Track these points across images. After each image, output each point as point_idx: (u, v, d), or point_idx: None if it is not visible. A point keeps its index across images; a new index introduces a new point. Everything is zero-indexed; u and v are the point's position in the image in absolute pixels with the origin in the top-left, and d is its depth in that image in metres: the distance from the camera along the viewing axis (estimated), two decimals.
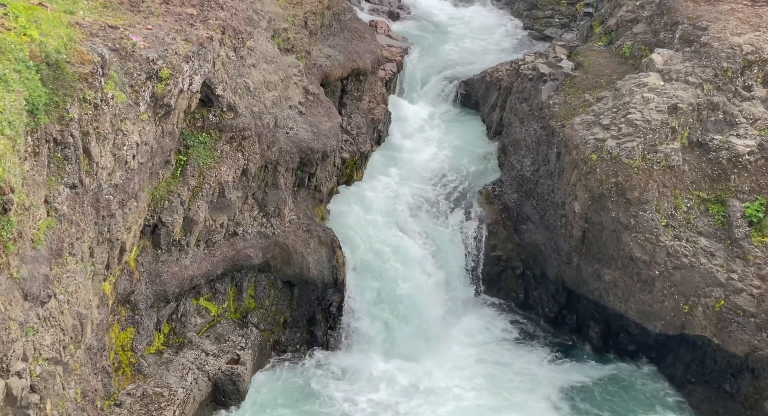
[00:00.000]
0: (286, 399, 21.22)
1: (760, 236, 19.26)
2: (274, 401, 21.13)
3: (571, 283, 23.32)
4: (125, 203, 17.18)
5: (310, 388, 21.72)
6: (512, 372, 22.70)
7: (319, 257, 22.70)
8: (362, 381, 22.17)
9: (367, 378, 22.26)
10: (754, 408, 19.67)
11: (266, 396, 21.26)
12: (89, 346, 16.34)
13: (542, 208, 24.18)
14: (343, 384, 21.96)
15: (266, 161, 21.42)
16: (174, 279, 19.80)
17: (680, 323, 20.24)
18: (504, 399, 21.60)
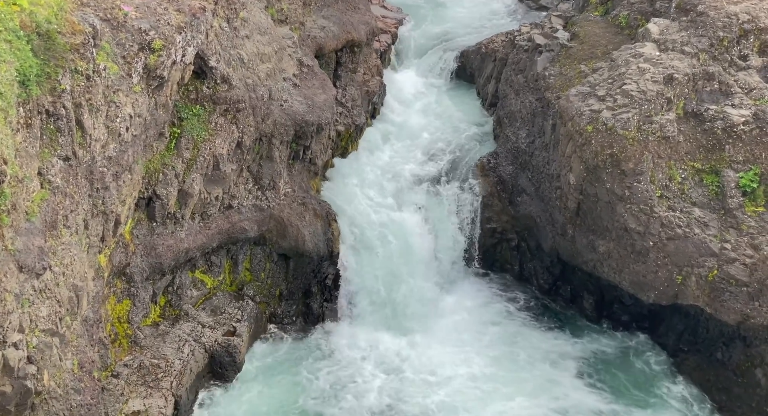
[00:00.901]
0: (282, 371, 21.39)
1: (754, 206, 19.32)
2: (271, 372, 21.28)
3: (566, 254, 23.42)
4: (119, 175, 17.13)
5: (305, 360, 21.88)
6: (506, 342, 22.88)
7: (315, 230, 22.73)
8: (358, 352, 22.33)
9: (362, 349, 22.42)
10: (745, 375, 19.91)
11: (262, 367, 21.42)
12: (85, 318, 16.41)
13: (537, 180, 24.19)
14: (338, 355, 22.12)
15: (261, 134, 21.34)
16: (169, 252, 19.83)
17: (673, 293, 20.38)
18: (498, 369, 21.79)
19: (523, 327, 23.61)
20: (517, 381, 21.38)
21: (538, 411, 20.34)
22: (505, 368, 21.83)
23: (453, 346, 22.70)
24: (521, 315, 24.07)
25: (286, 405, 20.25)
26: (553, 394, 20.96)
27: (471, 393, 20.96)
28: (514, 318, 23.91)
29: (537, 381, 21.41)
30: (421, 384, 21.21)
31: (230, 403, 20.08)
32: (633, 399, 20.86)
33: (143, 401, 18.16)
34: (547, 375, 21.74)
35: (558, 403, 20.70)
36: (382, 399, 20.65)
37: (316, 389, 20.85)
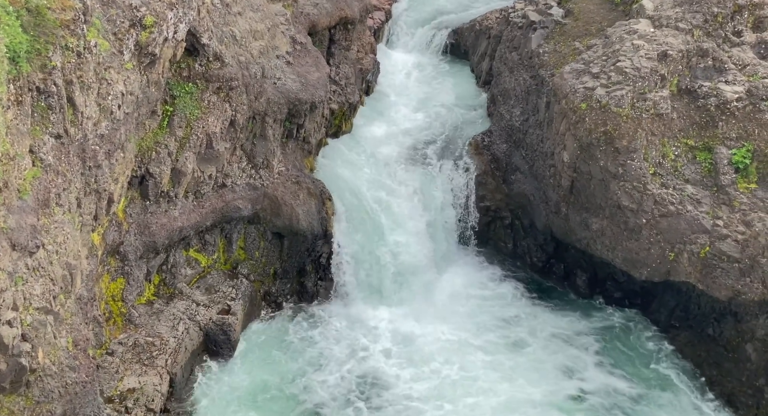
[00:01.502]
0: (277, 348, 21.49)
1: (746, 183, 19.37)
2: (266, 350, 21.38)
3: (559, 232, 23.49)
4: (112, 153, 17.06)
5: (300, 337, 21.97)
6: (499, 319, 23.02)
7: (309, 208, 22.72)
8: (352, 329, 22.42)
9: (356, 327, 22.52)
10: (736, 350, 20.09)
11: (257, 345, 21.51)
12: (79, 296, 16.42)
13: (531, 158, 24.18)
14: (332, 333, 22.21)
15: (254, 112, 21.25)
16: (163, 230, 19.82)
17: (666, 270, 20.48)
18: (491, 345, 21.93)
19: (516, 303, 23.73)
20: (511, 356, 21.54)
21: (530, 383, 20.53)
22: (497, 343, 21.98)
23: (446, 323, 22.81)
24: (513, 292, 24.18)
25: (281, 381, 20.36)
26: (546, 369, 21.15)
27: (463, 369, 21.11)
28: (507, 296, 24.02)
29: (528, 356, 21.55)
30: (414, 360, 21.31)
31: (226, 380, 20.17)
32: (627, 373, 21.06)
33: (138, 378, 18.25)
34: (538, 349, 21.90)
35: (552, 377, 20.91)
36: (375, 375, 20.76)
37: (311, 365, 20.96)
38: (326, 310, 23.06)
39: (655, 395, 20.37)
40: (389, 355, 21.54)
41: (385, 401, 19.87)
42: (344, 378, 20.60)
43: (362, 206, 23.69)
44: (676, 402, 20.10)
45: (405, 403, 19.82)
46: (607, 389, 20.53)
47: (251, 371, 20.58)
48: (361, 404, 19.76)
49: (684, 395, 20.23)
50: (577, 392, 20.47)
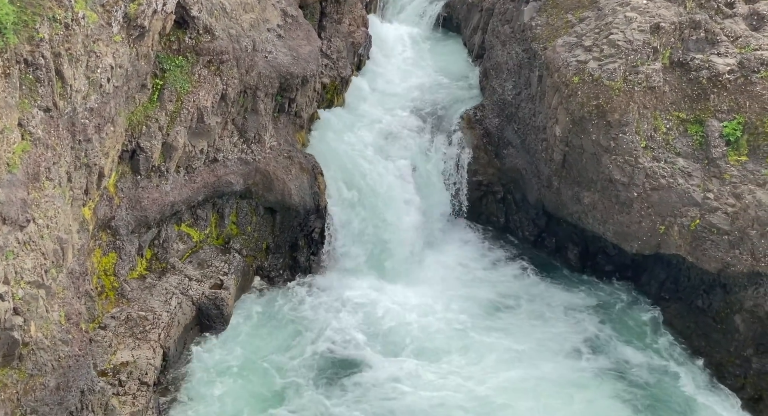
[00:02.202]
0: (269, 322, 21.58)
1: (737, 155, 19.42)
2: (258, 324, 21.47)
3: (551, 206, 23.55)
4: (102, 127, 16.97)
5: (292, 311, 22.05)
6: (492, 291, 23.15)
7: (301, 183, 22.69)
8: (344, 304, 22.51)
9: (349, 301, 22.60)
10: (725, 321, 20.28)
11: (250, 319, 21.59)
12: (71, 270, 16.41)
13: (523, 132, 24.15)
14: (324, 307, 22.30)
15: (245, 86, 21.12)
16: (154, 205, 19.78)
17: (656, 243, 20.59)
18: (485, 318, 22.08)
19: (507, 277, 23.86)
20: (501, 327, 21.68)
21: (522, 354, 20.70)
22: (488, 316, 22.11)
23: (438, 297, 22.92)
24: (505, 265, 24.30)
25: (274, 354, 20.47)
26: (539, 339, 21.33)
27: (455, 341, 21.27)
28: (498, 269, 24.14)
29: (520, 329, 21.72)
30: (405, 333, 21.42)
31: (219, 354, 20.27)
32: (617, 342, 21.28)
33: (131, 352, 18.30)
34: (530, 321, 22.07)
35: (544, 346, 21.09)
36: (364, 348, 20.89)
37: (303, 338, 21.06)
38: (319, 284, 23.13)
39: (646, 363, 20.63)
40: (380, 328, 21.63)
41: (372, 374, 19.98)
42: (334, 350, 20.70)
43: (354, 180, 23.67)
44: (666, 371, 20.41)
45: (394, 376, 19.95)
46: (597, 358, 20.73)
47: (244, 344, 20.67)
48: (348, 378, 19.88)
49: (674, 365, 20.52)
50: (571, 361, 20.66)
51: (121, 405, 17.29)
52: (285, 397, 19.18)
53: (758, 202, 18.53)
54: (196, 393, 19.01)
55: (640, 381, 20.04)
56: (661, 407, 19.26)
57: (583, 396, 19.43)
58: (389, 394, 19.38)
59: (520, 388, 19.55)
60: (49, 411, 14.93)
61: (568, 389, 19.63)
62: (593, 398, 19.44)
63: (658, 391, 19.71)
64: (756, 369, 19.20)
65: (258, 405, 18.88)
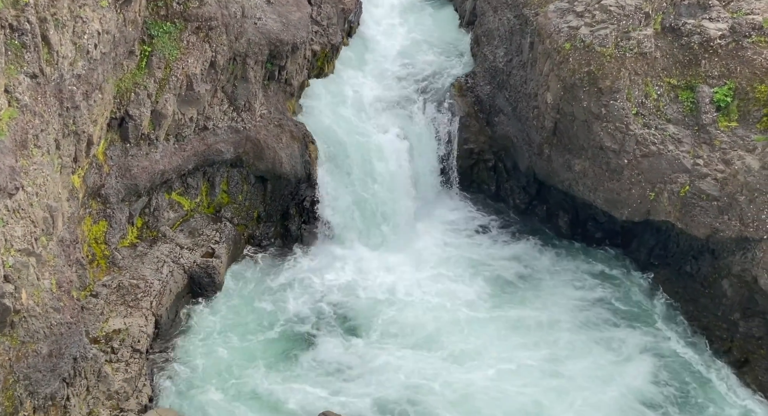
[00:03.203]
0: (260, 290, 21.65)
1: (727, 121, 19.41)
2: (250, 292, 21.54)
3: (542, 174, 23.56)
4: (89, 94, 16.83)
5: (284, 279, 22.11)
6: (482, 259, 23.25)
7: (292, 152, 22.61)
8: (336, 272, 22.58)
9: (340, 270, 22.67)
10: (713, 286, 20.49)
11: (242, 287, 21.65)
12: (61, 238, 16.39)
13: (515, 100, 24.06)
14: (316, 275, 22.37)
15: (234, 53, 20.93)
16: (144, 173, 19.71)
17: (646, 209, 20.68)
18: (477, 287, 22.19)
19: (499, 244, 23.96)
20: (492, 293, 21.84)
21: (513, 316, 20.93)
22: (484, 285, 22.23)
23: (428, 265, 23.02)
24: (497, 233, 24.39)
25: (265, 321, 20.58)
26: (532, 304, 21.54)
27: (447, 308, 21.42)
28: (489, 237, 24.23)
29: (512, 295, 21.89)
30: (394, 302, 21.54)
31: (211, 321, 20.36)
32: (606, 307, 21.52)
33: (123, 320, 18.38)
34: (521, 285, 22.24)
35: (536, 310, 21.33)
36: (355, 315, 21.04)
37: (293, 306, 21.15)
38: (310, 253, 23.18)
39: (637, 325, 20.91)
40: (370, 296, 21.72)
41: (363, 340, 20.14)
42: (323, 319, 20.80)
43: (345, 149, 23.58)
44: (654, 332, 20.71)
45: (384, 339, 20.12)
46: (587, 323, 20.95)
47: (236, 312, 20.76)
48: (339, 341, 20.01)
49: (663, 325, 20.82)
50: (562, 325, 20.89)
51: (114, 372, 17.40)
52: (277, 361, 19.33)
53: (747, 168, 18.58)
54: (188, 360, 19.12)
55: (627, 336, 20.37)
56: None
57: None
58: (374, 355, 19.53)
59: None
60: (42, 377, 15.01)
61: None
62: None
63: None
64: (743, 333, 19.45)
65: (250, 370, 19.03)
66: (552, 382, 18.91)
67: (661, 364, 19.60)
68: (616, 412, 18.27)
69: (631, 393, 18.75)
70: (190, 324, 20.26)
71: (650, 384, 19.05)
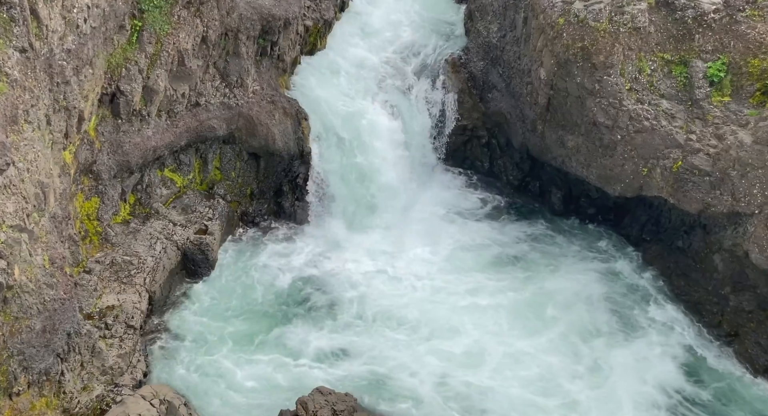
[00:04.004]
0: (254, 267, 21.68)
1: (720, 96, 19.39)
2: (243, 268, 21.57)
3: (535, 150, 23.56)
4: (80, 69, 16.69)
5: (277, 256, 22.15)
6: (475, 237, 23.30)
7: (285, 128, 22.53)
8: (329, 249, 22.62)
9: (333, 246, 22.71)
10: (704, 261, 20.60)
11: (235, 264, 21.68)
12: (53, 215, 16.34)
13: (508, 76, 23.98)
14: (309, 251, 22.41)
15: (226, 29, 20.75)
16: (136, 150, 19.62)
17: (639, 185, 20.72)
18: (469, 263, 22.29)
19: (492, 221, 24.02)
20: (485, 270, 21.93)
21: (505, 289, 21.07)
22: (476, 261, 22.32)
23: (422, 242, 23.07)
24: (490, 210, 24.44)
25: (258, 297, 20.64)
26: (524, 277, 21.67)
27: (439, 285, 21.51)
28: (483, 213, 24.27)
29: (503, 268, 21.98)
30: (390, 281, 21.60)
31: (205, 298, 20.41)
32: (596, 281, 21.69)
33: (117, 296, 18.38)
34: (513, 259, 22.34)
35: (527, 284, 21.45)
36: (349, 292, 21.10)
37: (286, 282, 21.21)
38: (303, 230, 23.21)
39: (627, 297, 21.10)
40: (362, 274, 21.76)
41: (355, 318, 20.22)
42: (315, 296, 20.86)
43: (338, 125, 23.51)
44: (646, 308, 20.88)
45: (377, 318, 20.20)
46: (578, 294, 21.10)
47: (229, 288, 20.81)
48: (332, 319, 20.12)
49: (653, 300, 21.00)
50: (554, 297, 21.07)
51: (109, 348, 17.45)
52: (269, 337, 19.41)
53: (740, 142, 18.60)
54: (183, 335, 19.19)
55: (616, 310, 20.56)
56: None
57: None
58: (367, 333, 19.69)
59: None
60: (36, 353, 15.04)
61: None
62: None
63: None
64: (733, 307, 19.59)
65: (243, 345, 19.12)
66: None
67: (652, 340, 19.82)
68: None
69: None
70: (184, 300, 20.30)
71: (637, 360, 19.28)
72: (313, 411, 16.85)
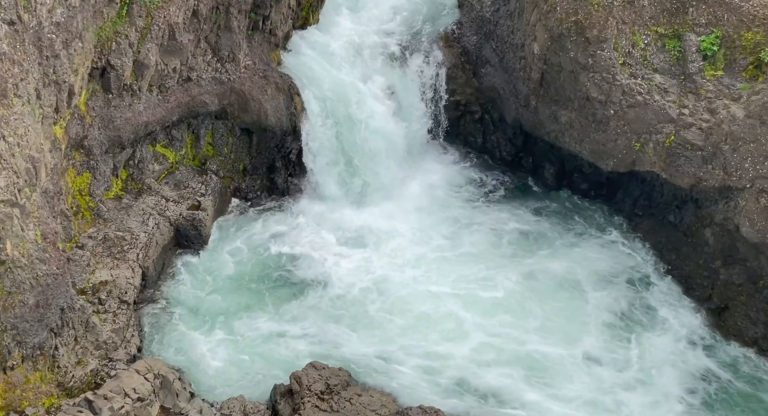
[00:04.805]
0: (247, 242, 21.71)
1: (713, 70, 19.36)
2: (236, 244, 21.59)
3: (529, 126, 23.53)
4: (69, 43, 16.53)
5: (270, 232, 22.17)
6: (469, 212, 23.35)
7: (277, 104, 22.42)
8: (321, 225, 22.63)
9: (326, 223, 22.72)
10: (695, 235, 20.71)
11: (229, 239, 21.69)
12: (45, 190, 16.29)
13: (501, 50, 23.87)
14: (301, 227, 22.42)
15: (217, 2, 20.54)
16: (128, 125, 19.51)
17: (631, 160, 20.75)
18: (465, 237, 22.36)
19: (484, 197, 24.05)
20: (479, 248, 22.02)
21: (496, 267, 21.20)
22: (470, 237, 22.37)
23: (416, 217, 23.11)
24: (482, 185, 24.46)
25: (251, 272, 20.70)
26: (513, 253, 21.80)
27: (432, 260, 21.59)
28: (476, 189, 24.29)
29: (494, 243, 22.06)
30: (381, 256, 21.66)
31: (198, 273, 20.45)
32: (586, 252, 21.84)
33: (110, 272, 18.40)
34: (504, 232, 22.46)
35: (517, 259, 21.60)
36: (341, 266, 21.15)
37: (279, 258, 21.25)
38: (296, 206, 23.21)
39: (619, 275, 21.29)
40: (354, 250, 21.81)
41: (345, 291, 20.32)
42: (307, 270, 20.92)
43: (331, 100, 23.39)
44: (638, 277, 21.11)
45: (367, 293, 20.31)
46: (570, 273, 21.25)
47: (222, 264, 20.85)
48: (321, 290, 20.18)
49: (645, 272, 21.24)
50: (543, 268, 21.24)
51: (102, 323, 17.51)
52: (262, 312, 19.50)
53: (732, 116, 18.61)
54: (176, 310, 19.26)
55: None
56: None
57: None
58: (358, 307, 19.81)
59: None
60: (30, 327, 15.09)
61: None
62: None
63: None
64: (723, 280, 19.75)
65: (236, 320, 19.20)
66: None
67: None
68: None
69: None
70: (177, 275, 20.33)
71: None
72: (307, 385, 16.98)
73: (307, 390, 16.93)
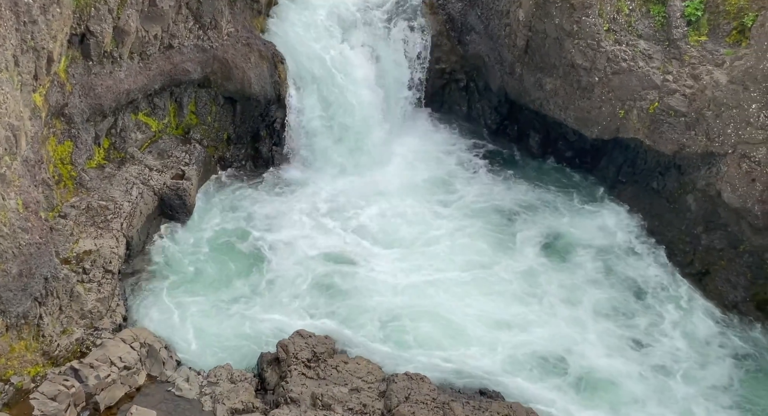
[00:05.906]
0: (232, 211, 21.64)
1: (697, 35, 19.35)
2: (221, 212, 21.52)
3: (514, 94, 23.48)
4: (47, 8, 16.24)
5: (255, 200, 22.11)
6: (455, 179, 23.38)
7: (261, 72, 22.20)
8: (306, 195, 22.58)
9: (311, 193, 22.68)
10: (678, 201, 20.86)
11: (213, 209, 21.61)
12: (26, 158, 16.11)
13: (487, 17, 23.70)
14: (286, 196, 22.37)
15: None
16: (109, 93, 19.27)
17: (615, 127, 20.79)
18: (449, 207, 22.40)
19: (470, 165, 24.06)
20: (461, 220, 22.09)
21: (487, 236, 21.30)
22: (454, 209, 22.42)
23: (400, 185, 23.10)
24: (468, 153, 24.45)
25: (237, 240, 20.67)
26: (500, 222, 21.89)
27: (414, 223, 21.66)
28: (461, 158, 24.29)
29: (486, 218, 22.15)
30: (367, 226, 21.68)
31: (183, 242, 20.39)
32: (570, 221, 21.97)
33: (94, 241, 18.29)
34: (496, 206, 22.50)
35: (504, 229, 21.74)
36: (326, 235, 21.18)
37: (265, 226, 21.22)
38: (280, 175, 23.11)
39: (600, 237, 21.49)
40: (338, 221, 21.80)
41: (337, 262, 20.39)
42: (292, 241, 20.90)
43: (316, 68, 23.19)
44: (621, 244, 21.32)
45: (356, 261, 20.37)
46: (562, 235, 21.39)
47: (207, 233, 20.78)
48: (309, 262, 20.22)
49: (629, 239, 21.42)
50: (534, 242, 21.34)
51: (87, 292, 17.45)
52: (248, 281, 19.51)
53: (715, 82, 18.64)
54: (161, 280, 19.22)
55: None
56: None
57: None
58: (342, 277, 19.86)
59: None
60: (13, 296, 15.03)
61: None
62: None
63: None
64: (704, 245, 19.96)
65: (222, 289, 19.21)
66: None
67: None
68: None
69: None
70: (162, 244, 20.25)
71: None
72: (294, 353, 17.05)
73: (293, 358, 17.01)
